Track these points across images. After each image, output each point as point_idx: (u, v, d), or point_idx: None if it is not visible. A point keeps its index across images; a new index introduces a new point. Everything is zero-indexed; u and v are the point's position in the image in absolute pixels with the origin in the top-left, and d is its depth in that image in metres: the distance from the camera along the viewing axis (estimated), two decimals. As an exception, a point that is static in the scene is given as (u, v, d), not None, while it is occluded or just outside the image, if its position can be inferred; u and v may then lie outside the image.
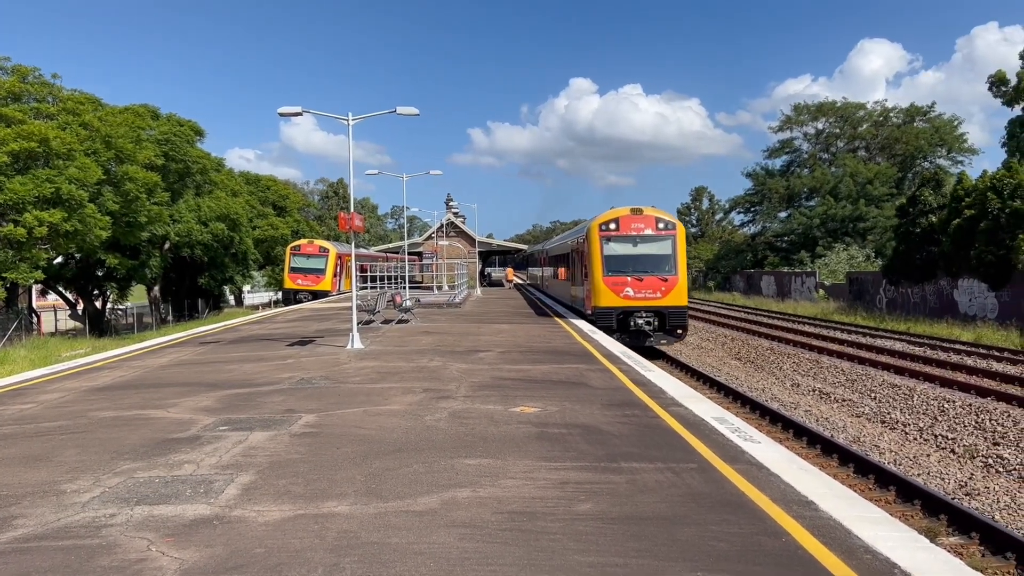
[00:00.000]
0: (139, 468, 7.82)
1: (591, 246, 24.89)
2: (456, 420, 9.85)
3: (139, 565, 5.29)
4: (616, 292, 23.98)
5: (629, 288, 23.94)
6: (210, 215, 46.30)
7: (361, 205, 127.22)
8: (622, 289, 23.97)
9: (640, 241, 24.58)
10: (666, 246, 24.54)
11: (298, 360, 16.44)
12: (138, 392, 12.77)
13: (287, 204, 68.68)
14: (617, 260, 24.39)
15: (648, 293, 23.84)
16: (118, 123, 37.05)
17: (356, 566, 5.19)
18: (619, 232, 24.62)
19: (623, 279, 24.05)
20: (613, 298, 23.97)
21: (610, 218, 25.06)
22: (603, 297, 24.16)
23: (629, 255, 24.44)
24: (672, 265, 24.27)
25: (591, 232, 25.13)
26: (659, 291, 23.88)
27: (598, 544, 5.53)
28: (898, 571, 5.00)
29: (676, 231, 24.79)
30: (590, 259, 24.95)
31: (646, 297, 23.85)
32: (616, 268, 24.26)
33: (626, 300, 23.90)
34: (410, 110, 20.43)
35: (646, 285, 23.93)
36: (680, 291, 24.05)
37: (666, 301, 23.88)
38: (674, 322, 24.14)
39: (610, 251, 24.52)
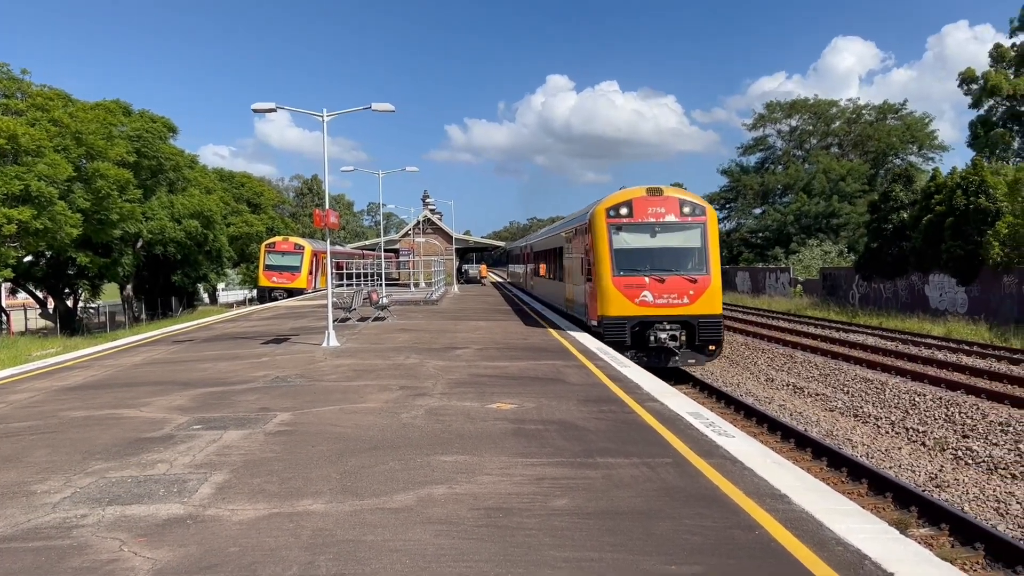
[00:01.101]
0: (111, 468, 7.73)
1: (596, 237, 19.77)
2: (433, 417, 9.84)
3: (111, 566, 5.24)
4: (630, 297, 18.86)
5: (647, 292, 18.85)
6: (183, 212, 45.84)
7: (336, 202, 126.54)
8: (638, 293, 18.86)
9: (660, 230, 19.49)
10: (694, 236, 19.49)
11: (273, 358, 16.33)
12: (110, 391, 12.62)
13: (262, 201, 68.15)
14: (631, 255, 19.34)
15: (672, 298, 18.80)
16: (89, 119, 36.56)
17: (331, 564, 5.18)
18: (633, 219, 19.51)
19: (639, 280, 18.95)
20: (626, 305, 18.89)
21: (620, 200, 19.88)
22: (612, 303, 19.03)
23: (646, 249, 19.41)
24: (702, 261, 19.26)
25: (595, 219, 19.92)
26: (686, 295, 18.81)
27: (574, 539, 5.56)
28: (868, 562, 5.07)
29: (706, 217, 19.66)
30: (594, 254, 19.82)
31: (669, 303, 18.79)
32: (630, 266, 19.23)
33: (643, 308, 18.80)
34: (385, 106, 20.35)
35: (669, 288, 18.85)
36: (713, 295, 19.00)
37: (695, 308, 18.80)
38: (706, 335, 18.89)
39: (621, 243, 19.46)
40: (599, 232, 19.70)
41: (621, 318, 18.93)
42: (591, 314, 20.42)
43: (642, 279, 19.02)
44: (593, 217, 20.18)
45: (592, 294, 20.20)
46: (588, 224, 20.65)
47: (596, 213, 19.99)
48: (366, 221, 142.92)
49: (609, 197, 20.65)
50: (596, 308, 19.69)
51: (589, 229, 20.45)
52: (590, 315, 20.59)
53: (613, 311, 19.05)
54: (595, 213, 20.08)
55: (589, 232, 20.42)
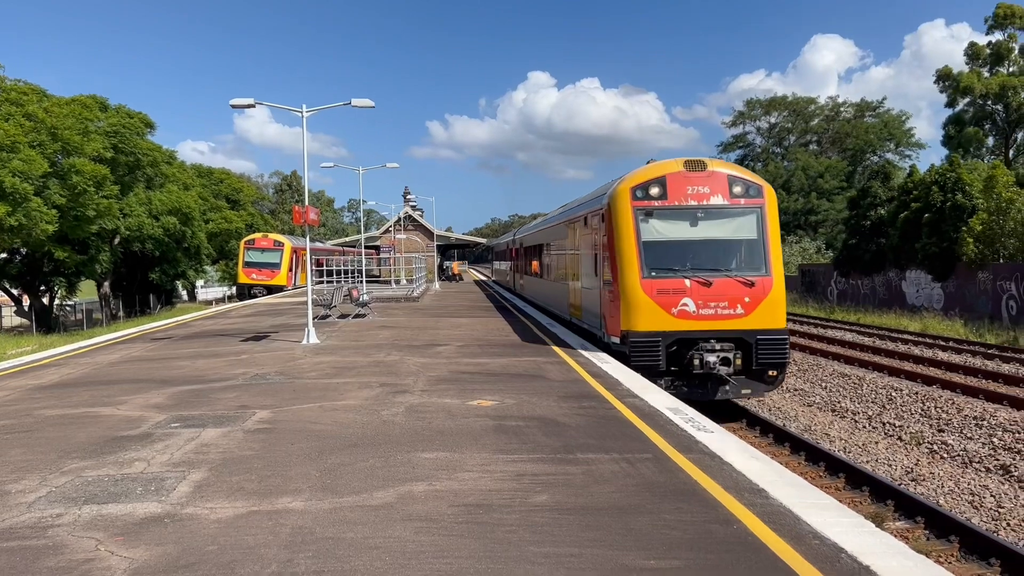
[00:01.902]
0: (88, 467, 7.66)
1: (617, 226, 15.15)
2: (413, 414, 9.82)
3: (87, 565, 5.19)
4: (665, 306, 14.33)
5: (688, 299, 14.32)
6: (161, 209, 45.42)
7: (316, 198, 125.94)
8: (675, 301, 14.32)
9: (704, 216, 14.96)
10: (748, 224, 14.99)
11: (252, 356, 16.23)
12: (87, 390, 12.49)
13: (241, 197, 67.67)
14: (665, 250, 14.86)
15: (721, 308, 14.31)
16: (64, 114, 36.13)
17: (310, 562, 5.16)
18: (667, 201, 14.94)
19: (676, 283, 14.41)
20: (660, 316, 14.36)
21: (650, 177, 15.19)
22: (641, 315, 14.45)
23: (686, 241, 14.93)
24: (760, 257, 14.79)
25: (616, 202, 15.28)
26: (740, 304, 14.31)
27: (554, 535, 5.57)
28: (844, 555, 5.12)
29: (764, 199, 15.08)
30: (615, 248, 15.15)
31: (718, 315, 14.30)
32: (664, 264, 14.71)
33: (683, 320, 14.33)
34: (365, 102, 20.26)
35: (718, 293, 14.34)
36: (775, 303, 14.52)
37: (753, 321, 14.35)
38: (767, 357, 14.37)
39: (652, 234, 14.87)
40: (622, 219, 15.04)
41: (653, 335, 14.22)
42: (610, 327, 15.65)
43: (681, 282, 14.37)
44: (613, 200, 15.37)
45: (611, 301, 15.49)
46: (606, 209, 15.83)
47: (617, 194, 15.28)
48: (347, 218, 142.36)
49: (634, 173, 15.75)
50: (617, 320, 14.95)
51: (607, 216, 15.69)
52: (608, 328, 15.79)
53: (642, 324, 14.37)
54: (616, 194, 15.34)
55: (607, 220, 15.70)
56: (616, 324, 15.18)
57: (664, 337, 14.33)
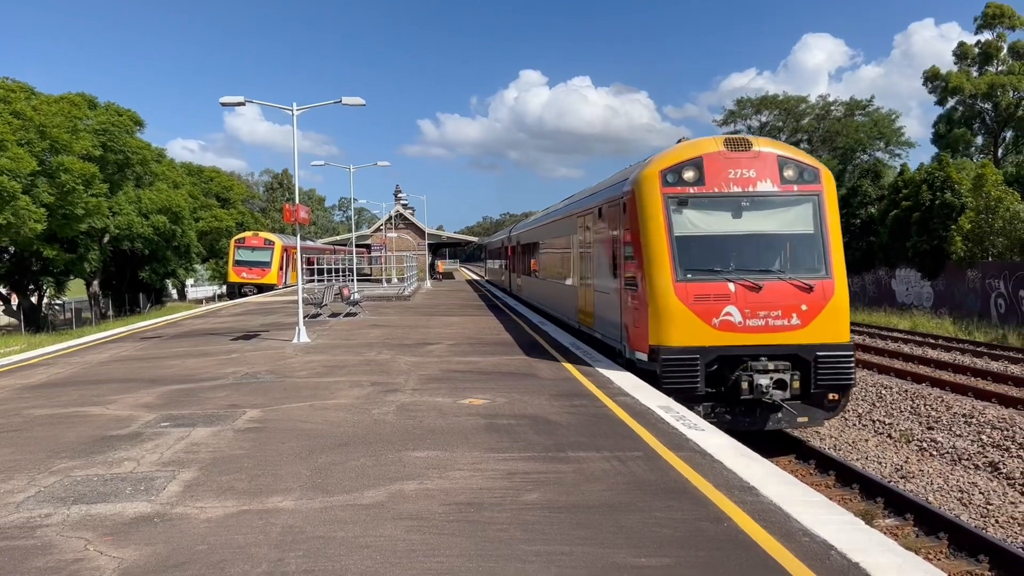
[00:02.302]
0: (76, 466, 7.62)
1: (643, 217, 12.70)
2: (404, 413, 9.81)
3: (76, 565, 5.16)
4: (704, 316, 12.01)
5: (732, 307, 12.01)
6: (151, 207, 45.22)
7: (307, 197, 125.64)
8: (717, 309, 12.00)
9: (750, 206, 12.58)
10: (804, 215, 12.64)
11: (242, 355, 16.17)
12: (76, 389, 12.42)
13: (231, 196, 67.44)
14: (704, 247, 12.52)
15: (772, 317, 11.97)
16: (53, 112, 35.92)
17: (301, 561, 5.15)
18: (705, 188, 12.54)
19: (718, 287, 12.09)
20: (698, 328, 12.00)
21: (684, 158, 12.74)
22: (674, 326, 12.08)
23: (728, 236, 12.55)
24: (819, 255, 12.45)
25: (642, 187, 12.82)
26: (795, 312, 11.98)
27: (545, 533, 5.58)
28: (834, 552, 5.14)
29: (821, 184, 12.71)
30: (641, 243, 12.70)
31: (770, 326, 11.97)
32: (702, 264, 12.37)
33: (726, 333, 11.97)
34: (356, 100, 20.21)
35: (768, 300, 12.01)
36: (838, 312, 12.16)
37: (811, 334, 12.00)
38: (829, 377, 11.97)
39: (687, 227, 12.53)
40: (649, 209, 12.60)
41: (690, 351, 11.86)
42: (633, 340, 13.09)
43: (723, 286, 12.03)
44: (639, 186, 12.87)
45: (635, 309, 12.99)
46: (628, 198, 13.29)
47: (644, 179, 12.82)
48: (337, 216, 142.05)
49: (662, 154, 13.30)
50: (644, 332, 12.47)
51: (630, 206, 13.17)
52: (631, 341, 13.20)
53: (676, 338, 11.97)
54: (642, 180, 12.86)
55: (630, 210, 13.19)
56: (642, 337, 12.52)
57: (703, 354, 11.86)
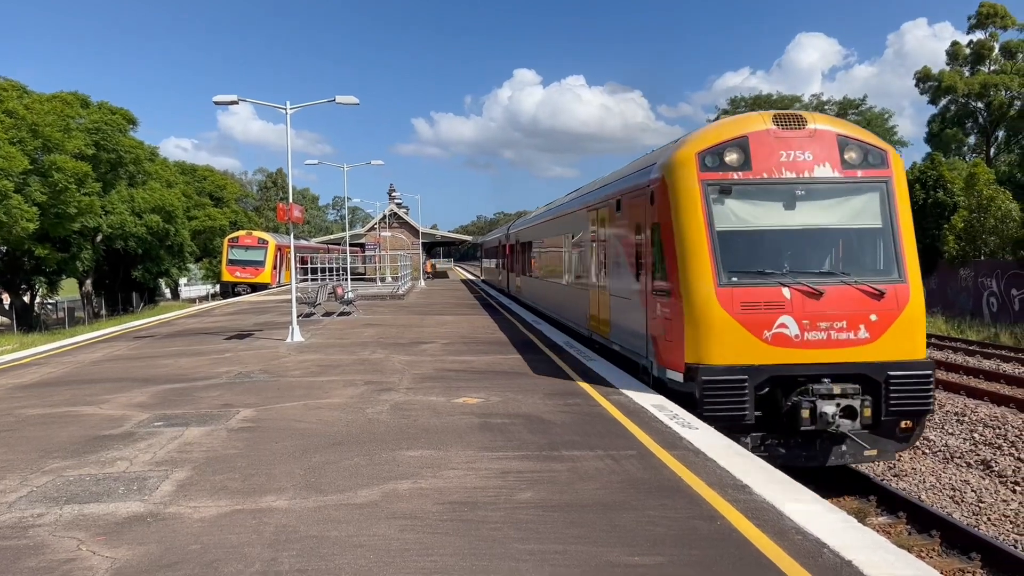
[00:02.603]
0: (69, 466, 7.60)
1: (676, 207, 10.69)
2: (398, 412, 9.80)
3: (68, 565, 5.15)
4: (753, 327, 10.03)
5: (788, 317, 10.05)
6: (144, 206, 45.09)
7: (301, 196, 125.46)
8: (770, 319, 10.04)
9: (806, 195, 10.59)
10: (871, 207, 10.67)
11: (236, 354, 16.14)
12: (68, 388, 12.38)
13: (224, 195, 67.29)
14: (752, 244, 10.60)
15: (836, 329, 10.03)
16: (45, 111, 35.78)
17: (294, 560, 5.14)
18: (752, 173, 10.55)
19: (770, 293, 10.11)
20: (744, 342, 10.02)
21: (726, 137, 10.75)
22: (717, 339, 10.10)
23: (781, 231, 10.64)
24: (891, 255, 10.51)
25: (676, 173, 10.81)
26: (863, 323, 10.06)
27: (538, 532, 5.58)
28: (827, 550, 5.16)
29: (890, 169, 10.76)
30: (674, 240, 10.66)
31: (831, 340, 10.02)
32: (751, 264, 10.41)
33: (781, 349, 9.99)
34: (350, 99, 20.19)
35: (831, 308, 10.06)
36: (913, 322, 10.26)
37: (882, 349, 10.05)
38: (904, 402, 10.09)
39: (731, 220, 10.54)
40: (684, 198, 10.47)
41: (736, 371, 9.84)
42: (664, 356, 10.99)
43: (777, 291, 9.99)
44: (671, 171, 10.78)
45: (666, 318, 10.89)
46: (657, 186, 11.17)
47: (677, 163, 10.70)
48: (331, 215, 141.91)
49: (699, 133, 11.24)
50: (679, 346, 10.39)
51: (659, 195, 11.07)
52: (662, 357, 11.09)
53: (719, 354, 9.94)
54: (675, 163, 10.76)
55: (659, 201, 11.10)
56: (676, 352, 10.42)
57: (752, 374, 9.77)
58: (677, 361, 10.51)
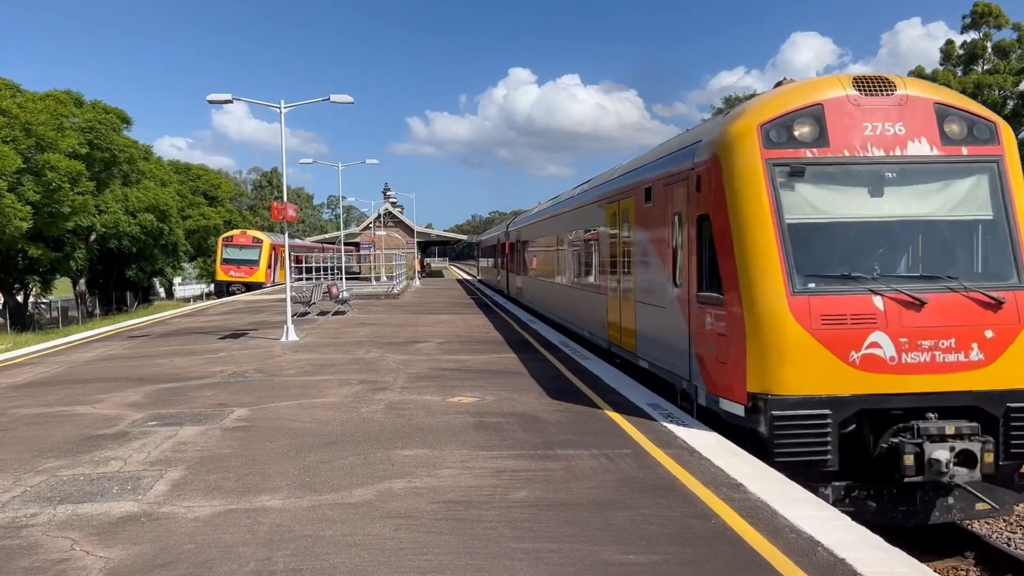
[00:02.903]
0: (63, 466, 7.57)
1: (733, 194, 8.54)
2: (393, 411, 9.80)
3: (62, 565, 5.14)
4: (836, 347, 7.85)
5: (881, 335, 7.87)
6: (138, 206, 44.99)
7: (296, 195, 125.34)
8: (858, 337, 7.87)
9: (899, 177, 8.49)
10: (978, 192, 8.60)
11: (230, 353, 16.11)
12: (62, 388, 12.35)
13: (219, 194, 67.19)
14: (833, 240, 8.52)
15: (942, 350, 7.87)
16: (38, 110, 35.67)
17: (289, 560, 5.14)
18: (829, 151, 8.44)
19: (858, 303, 7.96)
20: (826, 366, 7.84)
21: (796, 105, 8.54)
22: (791, 362, 7.90)
23: (868, 224, 8.53)
24: (1007, 252, 8.40)
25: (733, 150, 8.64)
26: (976, 341, 7.91)
27: (533, 531, 5.58)
28: (821, 548, 5.17)
29: (1001, 144, 8.69)
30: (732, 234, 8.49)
31: (936, 363, 7.85)
32: (832, 266, 8.26)
33: (872, 374, 7.83)
34: (344, 98, 20.17)
35: (936, 321, 7.92)
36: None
37: (999, 374, 7.91)
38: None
39: (804, 209, 8.41)
40: (743, 181, 8.45)
41: (816, 402, 7.84)
42: (715, 380, 8.89)
43: (866, 301, 7.99)
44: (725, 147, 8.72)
45: (719, 333, 8.78)
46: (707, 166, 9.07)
47: (734, 138, 8.64)
48: (326, 214, 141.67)
49: (760, 101, 9.10)
50: (738, 369, 8.32)
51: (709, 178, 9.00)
52: (712, 382, 8.96)
53: (793, 382, 7.90)
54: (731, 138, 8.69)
55: (708, 185, 9.04)
56: (733, 377, 8.32)
57: (836, 408, 7.70)
58: (735, 389, 8.31)
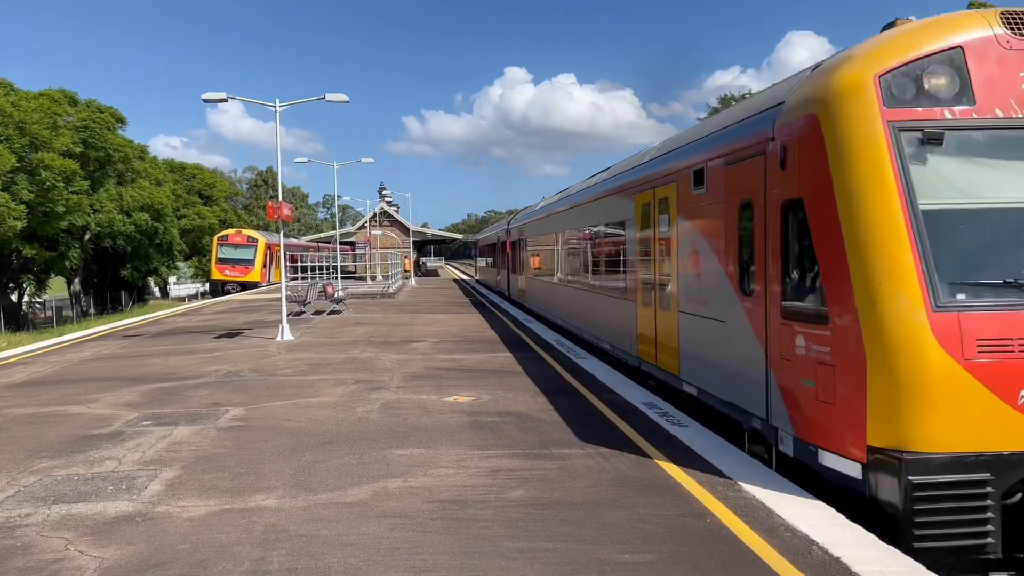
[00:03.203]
0: (57, 466, 7.55)
1: (839, 169, 6.01)
2: (388, 411, 9.79)
3: (56, 565, 5.12)
4: (999, 386, 5.50)
5: None
6: (133, 205, 44.90)
7: (291, 194, 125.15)
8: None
9: None
10: None
11: (225, 353, 16.09)
12: (57, 388, 12.31)
13: (214, 193, 67.08)
14: (987, 232, 5.97)
15: None
16: (32, 109, 35.58)
17: (284, 559, 5.13)
18: (976, 109, 6.00)
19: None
20: (987, 411, 5.48)
21: (930, 48, 5.94)
22: (933, 405, 5.55)
23: None
24: None
25: (839, 107, 6.12)
26: None
27: (528, 530, 5.58)
28: (816, 547, 5.18)
29: None
30: (840, 225, 6.01)
31: None
32: (988, 270, 5.81)
33: None
34: (339, 97, 20.15)
35: None
36: None
37: None
38: None
39: (945, 192, 5.94)
40: (856, 151, 6.04)
41: (973, 463, 5.54)
42: (815, 425, 6.51)
43: None
44: (827, 105, 6.32)
45: (821, 361, 6.36)
46: (799, 133, 6.72)
47: (840, 92, 6.24)
48: (321, 214, 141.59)
49: (875, 42, 6.48)
50: (854, 414, 5.98)
51: (800, 150, 6.67)
52: (808, 427, 6.59)
53: (938, 435, 5.59)
54: (834, 92, 6.31)
55: (799, 159, 6.69)
56: (845, 424, 6.16)
57: (1000, 470, 5.62)
58: (847, 439, 6.12)
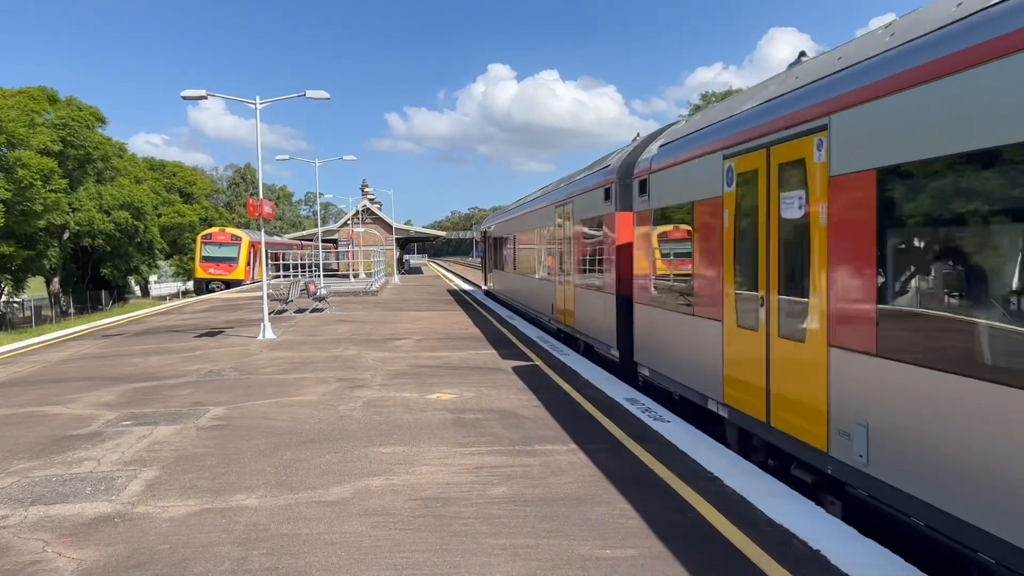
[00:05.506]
0: (35, 467, 7.47)
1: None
2: (371, 409, 9.76)
3: (33, 567, 5.06)
4: None
5: None
6: (113, 203, 44.50)
7: (273, 192, 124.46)
8: None
9: None
10: None
11: (207, 352, 15.98)
12: (35, 388, 12.18)
13: (194, 191, 66.63)
14: None
15: None
16: (10, 106, 35.19)
17: (265, 559, 5.10)
18: None
19: None
20: None
21: None
22: None
23: None
24: None
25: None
26: None
27: (511, 527, 5.58)
28: (796, 540, 5.21)
29: None
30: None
31: None
32: None
33: None
34: (320, 94, 20.04)
35: None
36: None
37: None
38: None
39: None
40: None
41: None
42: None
43: None
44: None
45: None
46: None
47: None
48: (304, 211, 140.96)
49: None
50: None
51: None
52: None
53: None
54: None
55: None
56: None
57: None
58: None
